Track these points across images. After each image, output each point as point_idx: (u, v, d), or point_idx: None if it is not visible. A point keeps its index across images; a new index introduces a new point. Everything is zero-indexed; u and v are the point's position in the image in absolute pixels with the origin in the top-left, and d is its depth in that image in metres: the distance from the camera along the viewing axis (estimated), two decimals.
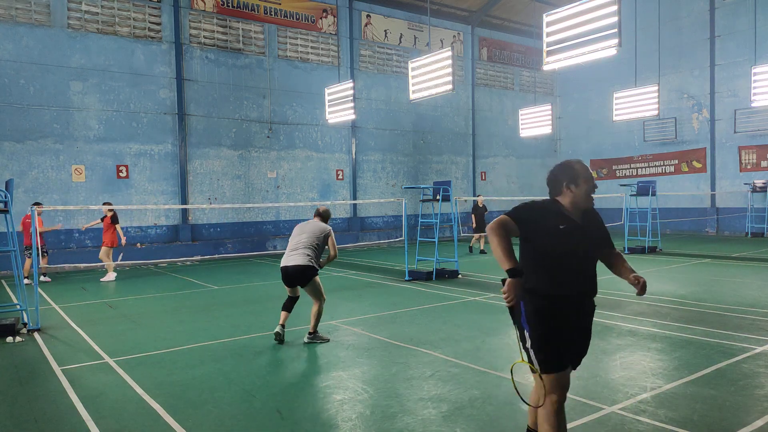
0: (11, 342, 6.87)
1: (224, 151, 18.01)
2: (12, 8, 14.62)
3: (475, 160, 24.60)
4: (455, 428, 3.99)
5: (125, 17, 16.27)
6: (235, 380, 5.18)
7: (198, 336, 6.99)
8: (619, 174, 24.85)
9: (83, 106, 15.61)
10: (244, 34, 18.37)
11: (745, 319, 7.25)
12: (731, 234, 21.29)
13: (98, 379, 5.32)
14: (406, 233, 11.63)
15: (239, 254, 17.13)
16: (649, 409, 4.25)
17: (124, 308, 9.09)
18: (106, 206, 11.57)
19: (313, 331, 6.55)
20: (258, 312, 8.55)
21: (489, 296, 9.36)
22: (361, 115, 20.58)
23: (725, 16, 21.15)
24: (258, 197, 18.56)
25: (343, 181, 20.71)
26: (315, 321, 6.53)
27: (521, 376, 5.13)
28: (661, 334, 6.51)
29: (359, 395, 4.77)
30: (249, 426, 4.13)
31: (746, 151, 21.04)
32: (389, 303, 9.01)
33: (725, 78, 21.27)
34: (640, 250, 15.68)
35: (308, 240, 6.52)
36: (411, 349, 6.15)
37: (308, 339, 6.53)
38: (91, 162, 15.73)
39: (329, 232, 6.68)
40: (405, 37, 22.25)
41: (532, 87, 26.32)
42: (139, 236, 16.56)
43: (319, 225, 6.71)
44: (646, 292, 3.46)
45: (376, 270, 13.31)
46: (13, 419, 4.37)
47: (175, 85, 16.98)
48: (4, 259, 13.55)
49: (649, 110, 16.78)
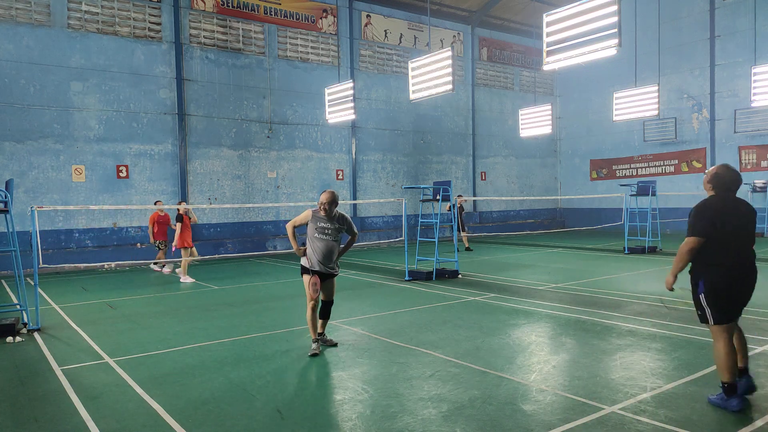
0: (11, 342, 6.88)
1: (224, 151, 18.01)
2: (12, 8, 14.62)
3: (475, 160, 24.60)
4: (455, 428, 3.99)
5: (125, 17, 16.27)
6: (235, 380, 5.18)
7: (198, 336, 6.99)
8: (619, 174, 24.85)
9: (83, 106, 15.61)
10: (244, 34, 18.38)
11: (745, 319, 7.24)
12: None
13: (98, 379, 5.32)
14: (406, 233, 11.63)
15: (239, 254, 17.14)
16: (649, 409, 4.25)
17: (124, 308, 9.09)
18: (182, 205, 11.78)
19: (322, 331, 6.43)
20: (258, 312, 8.55)
21: (489, 296, 9.36)
22: (361, 115, 20.59)
23: (725, 16, 21.16)
24: (258, 197, 18.56)
25: (343, 181, 20.71)
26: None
27: (521, 376, 5.13)
28: (661, 334, 6.51)
29: (359, 395, 4.77)
30: (249, 426, 4.13)
31: (746, 151, 21.04)
32: (389, 303, 9.00)
33: (725, 78, 21.27)
34: (640, 250, 15.67)
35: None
36: (411, 349, 6.15)
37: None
38: (91, 162, 15.73)
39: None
40: (405, 37, 22.26)
41: (532, 87, 26.33)
42: (139, 236, 16.56)
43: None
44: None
45: (376, 270, 13.31)
46: (13, 419, 4.37)
47: (175, 85, 16.98)
48: (4, 259, 13.56)
49: (649, 110, 16.79)
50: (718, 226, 4.17)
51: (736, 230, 4.22)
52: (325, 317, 6.34)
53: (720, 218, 4.18)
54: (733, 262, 4.21)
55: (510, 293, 9.58)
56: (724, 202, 4.27)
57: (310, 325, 6.07)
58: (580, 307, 8.22)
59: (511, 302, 8.77)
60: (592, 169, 26.15)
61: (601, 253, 15.93)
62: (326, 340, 6.40)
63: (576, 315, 7.72)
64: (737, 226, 4.23)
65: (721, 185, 4.31)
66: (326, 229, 5.99)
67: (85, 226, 15.78)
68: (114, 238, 16.15)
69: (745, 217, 4.29)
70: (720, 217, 4.19)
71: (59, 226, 15.39)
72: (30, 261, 8.38)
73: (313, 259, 5.99)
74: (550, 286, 10.33)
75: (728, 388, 4.18)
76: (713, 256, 4.21)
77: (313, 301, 6.02)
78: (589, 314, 7.69)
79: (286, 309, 8.79)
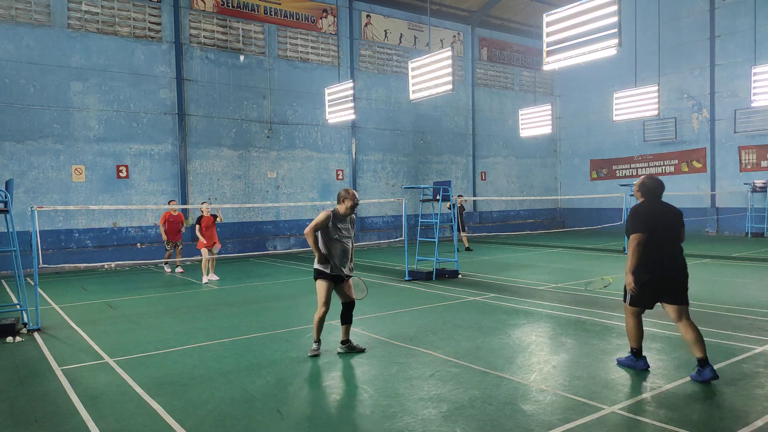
0: (11, 342, 6.88)
1: (224, 151, 18.01)
2: (12, 8, 14.62)
3: (475, 160, 24.60)
4: (455, 428, 3.99)
5: (125, 17, 16.27)
6: (235, 380, 5.18)
7: (198, 336, 6.99)
8: (619, 174, 24.84)
9: (83, 106, 15.61)
10: (244, 34, 18.38)
11: (745, 319, 7.25)
12: (731, 234, 21.29)
13: (98, 379, 5.32)
14: (406, 233, 11.63)
15: (239, 254, 17.13)
16: (649, 409, 4.25)
17: (124, 308, 9.09)
18: (205, 205, 11.77)
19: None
20: (258, 312, 8.55)
21: (489, 296, 9.36)
22: (361, 115, 20.59)
23: (725, 16, 21.16)
24: (258, 197, 18.56)
25: (343, 181, 20.70)
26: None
27: (521, 376, 5.13)
28: (660, 334, 6.52)
29: (359, 395, 4.77)
30: (249, 426, 4.13)
31: (746, 151, 21.04)
32: (389, 303, 9.00)
33: (725, 78, 21.27)
34: None
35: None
36: (411, 349, 6.15)
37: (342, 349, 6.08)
38: (91, 162, 15.73)
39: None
40: (405, 37, 22.26)
41: (532, 87, 26.33)
42: (139, 236, 16.56)
43: None
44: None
45: (376, 270, 13.31)
46: (13, 419, 4.37)
47: (175, 85, 16.98)
48: (4, 259, 13.56)
49: (649, 110, 16.78)
50: (650, 227, 4.89)
51: (665, 231, 4.95)
52: (348, 321, 6.01)
53: (651, 220, 4.92)
54: (659, 258, 4.91)
55: (510, 293, 9.58)
56: (653, 207, 5.04)
57: (316, 327, 5.89)
58: (580, 307, 8.22)
59: (511, 302, 8.77)
60: (592, 169, 26.15)
61: (601, 253, 15.93)
62: (353, 347, 6.04)
63: (576, 315, 7.72)
64: (666, 227, 4.97)
65: (648, 192, 5.12)
66: (344, 229, 5.83)
67: (85, 226, 15.78)
68: (114, 238, 16.15)
69: (673, 219, 5.02)
70: (651, 218, 4.93)
71: (59, 226, 15.39)
72: (30, 261, 8.38)
73: (333, 262, 5.76)
74: (550, 286, 10.33)
75: (636, 353, 5.24)
76: (645, 252, 4.90)
77: (325, 308, 5.81)
78: (589, 314, 7.69)
79: (286, 309, 8.80)
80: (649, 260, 4.89)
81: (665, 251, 4.90)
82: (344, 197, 5.76)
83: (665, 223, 4.97)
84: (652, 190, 5.11)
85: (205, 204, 11.94)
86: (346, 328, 6.02)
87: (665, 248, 4.91)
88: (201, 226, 11.77)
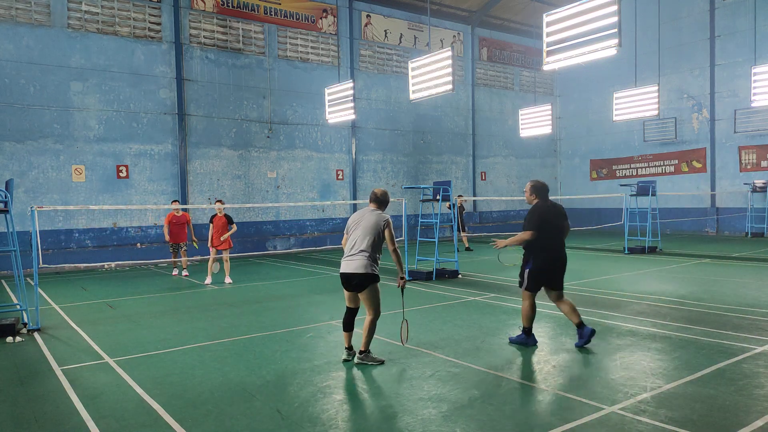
0: (11, 342, 6.88)
1: (224, 151, 18.01)
2: (12, 8, 14.62)
3: (475, 160, 24.60)
4: (455, 428, 3.99)
5: (125, 17, 16.27)
6: (235, 380, 5.18)
7: (198, 336, 6.99)
8: (619, 174, 24.84)
9: (83, 106, 15.61)
10: (244, 34, 18.38)
11: (745, 319, 7.25)
12: (731, 234, 21.29)
13: (98, 379, 5.32)
14: (406, 233, 11.62)
15: (239, 254, 17.12)
16: (649, 409, 4.25)
17: (124, 308, 9.09)
18: (219, 204, 11.51)
19: (364, 348, 5.60)
20: (258, 312, 8.55)
21: (489, 296, 9.36)
22: (361, 115, 20.58)
23: (725, 16, 21.16)
24: (258, 197, 18.56)
25: (343, 181, 20.71)
26: (366, 337, 5.58)
27: (521, 376, 5.12)
28: (661, 334, 6.52)
29: (359, 395, 4.77)
30: (249, 426, 4.13)
31: (746, 151, 21.04)
32: (389, 303, 8.96)
33: (725, 78, 21.27)
34: (640, 250, 15.67)
35: (364, 236, 5.49)
36: (411, 349, 6.15)
37: (359, 359, 5.58)
38: (91, 162, 15.73)
39: (387, 223, 5.54)
40: (405, 37, 22.26)
41: (532, 87, 26.33)
42: (139, 236, 16.56)
43: (374, 215, 5.59)
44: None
45: None
46: (13, 419, 4.37)
47: (175, 85, 16.98)
48: (4, 259, 13.56)
49: (649, 110, 16.78)
50: (544, 224, 5.90)
51: (555, 227, 6.00)
52: (350, 329, 5.77)
53: (545, 218, 5.93)
54: (552, 248, 6.00)
55: (510, 293, 9.57)
56: (546, 206, 6.03)
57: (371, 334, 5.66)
58: (580, 307, 8.18)
59: (511, 302, 8.77)
60: (592, 169, 26.15)
61: (601, 253, 15.93)
62: (371, 358, 5.69)
63: None
64: (556, 224, 6.01)
65: (539, 193, 6.09)
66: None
67: (85, 226, 15.78)
68: (114, 238, 16.15)
69: (559, 216, 6.08)
70: (545, 217, 5.94)
71: (59, 226, 15.39)
72: (30, 261, 8.39)
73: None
74: None
75: (527, 331, 6.16)
76: (541, 244, 5.92)
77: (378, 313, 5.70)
78: (589, 314, 7.69)
79: (286, 309, 8.79)
80: (542, 251, 5.93)
81: (555, 243, 5.99)
82: (384, 198, 5.88)
83: (554, 220, 5.98)
84: (541, 190, 6.09)
85: (218, 204, 11.58)
86: (347, 335, 5.75)
87: (555, 241, 5.99)
88: (213, 225, 11.59)
